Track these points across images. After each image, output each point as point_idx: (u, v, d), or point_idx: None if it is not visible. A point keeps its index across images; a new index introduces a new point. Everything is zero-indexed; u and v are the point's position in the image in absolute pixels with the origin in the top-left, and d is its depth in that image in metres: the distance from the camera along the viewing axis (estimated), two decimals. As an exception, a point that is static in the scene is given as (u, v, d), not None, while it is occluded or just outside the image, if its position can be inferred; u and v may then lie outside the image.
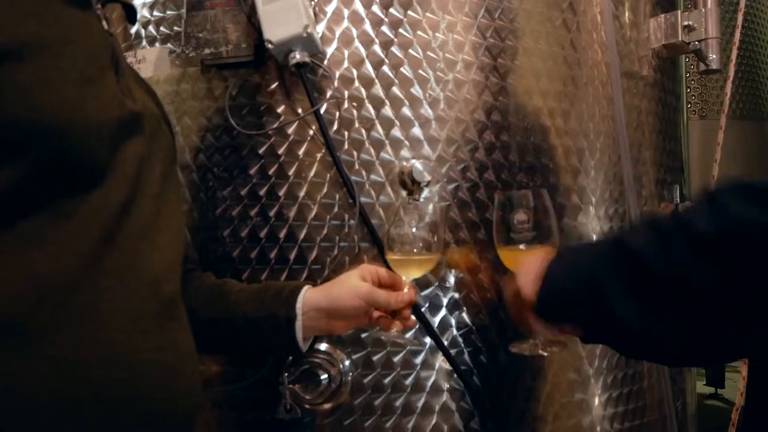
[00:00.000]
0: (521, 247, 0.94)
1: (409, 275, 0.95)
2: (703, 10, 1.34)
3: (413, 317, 0.96)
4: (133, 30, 1.16)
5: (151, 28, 1.15)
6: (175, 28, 1.14)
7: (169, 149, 0.82)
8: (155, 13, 1.17)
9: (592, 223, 1.20)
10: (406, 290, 0.93)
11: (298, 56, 0.99)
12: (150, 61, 1.15)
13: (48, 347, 0.59)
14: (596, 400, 1.18)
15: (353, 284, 0.93)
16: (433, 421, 1.05)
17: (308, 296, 0.92)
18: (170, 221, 0.76)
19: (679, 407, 1.36)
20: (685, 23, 1.34)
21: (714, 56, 1.34)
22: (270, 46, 0.99)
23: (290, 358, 1.03)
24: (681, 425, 1.40)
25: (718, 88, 3.37)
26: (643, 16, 1.35)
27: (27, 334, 0.59)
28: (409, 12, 1.08)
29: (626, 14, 1.32)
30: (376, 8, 1.07)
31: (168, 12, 1.15)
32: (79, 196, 0.64)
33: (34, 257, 0.60)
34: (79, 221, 0.63)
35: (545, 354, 0.93)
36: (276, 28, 0.98)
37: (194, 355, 0.76)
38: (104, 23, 0.74)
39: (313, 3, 1.05)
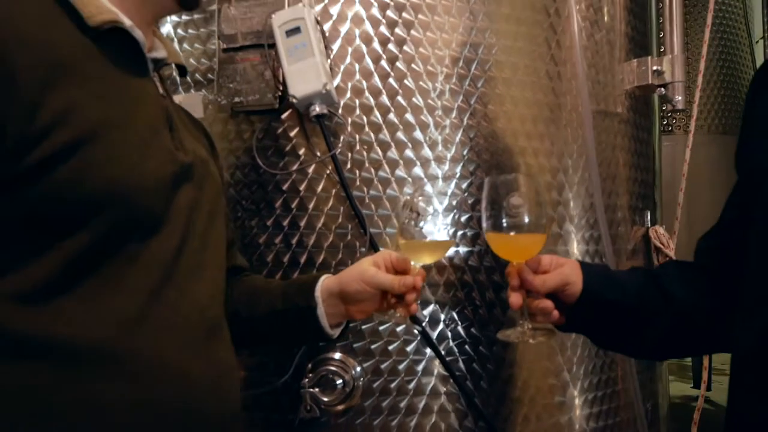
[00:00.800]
0: (511, 233, 0.90)
1: (420, 261, 0.97)
2: (671, 56, 1.52)
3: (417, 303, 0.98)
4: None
5: (187, 76, 1.31)
6: (209, 76, 1.31)
7: (216, 188, 0.93)
8: (191, 60, 1.33)
9: (571, 247, 1.37)
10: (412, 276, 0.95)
11: (317, 108, 1.16)
12: (186, 105, 1.31)
13: (126, 369, 0.72)
14: (575, 402, 1.35)
15: (361, 269, 0.97)
16: (432, 420, 1.21)
17: (326, 284, 0.99)
18: (214, 254, 0.90)
19: (649, 408, 1.53)
20: (655, 68, 1.51)
21: (679, 97, 1.51)
22: (294, 100, 1.16)
23: (309, 365, 1.20)
24: (652, 425, 1.57)
25: (701, 104, 3.55)
26: (618, 61, 1.53)
27: (110, 358, 0.71)
28: (413, 65, 1.25)
29: (605, 59, 1.49)
30: (384, 63, 1.24)
31: (202, 62, 1.32)
32: (142, 243, 0.75)
33: (112, 295, 0.73)
34: (144, 264, 0.75)
35: (532, 341, 0.95)
36: (299, 86, 1.15)
37: (235, 368, 0.90)
38: (159, 87, 0.88)
39: (329, 61, 1.22)
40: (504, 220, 0.90)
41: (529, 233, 0.90)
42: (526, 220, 0.89)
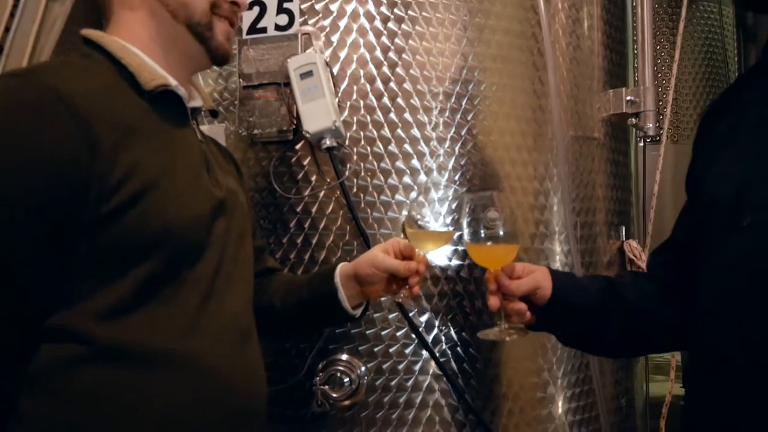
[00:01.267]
0: (488, 243, 1.01)
1: (423, 248, 1.09)
2: (643, 87, 1.69)
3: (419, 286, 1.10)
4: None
5: (217, 117, 1.47)
6: (231, 109, 1.48)
7: (243, 213, 1.09)
8: (214, 94, 1.50)
9: (552, 263, 1.54)
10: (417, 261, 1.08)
11: (328, 142, 1.33)
12: (210, 135, 1.48)
13: (181, 369, 0.89)
14: (554, 398, 1.52)
15: (372, 255, 1.11)
16: (428, 414, 1.38)
17: (342, 270, 1.14)
18: (243, 272, 1.06)
19: (624, 403, 1.71)
20: (628, 98, 1.68)
21: (650, 125, 1.68)
22: (308, 135, 1.33)
23: (320, 365, 1.37)
24: (627, 418, 1.75)
25: (687, 115, 3.71)
26: (595, 92, 1.70)
27: (169, 360, 0.88)
28: (411, 101, 1.42)
29: (584, 91, 1.66)
30: (386, 100, 1.41)
31: (225, 97, 1.49)
32: (190, 267, 0.91)
33: (168, 310, 0.89)
34: (191, 284, 0.91)
35: (508, 339, 1.10)
36: (312, 123, 1.32)
37: (262, 367, 1.06)
38: (197, 133, 1.05)
39: (337, 99, 1.39)
40: (482, 232, 1.02)
41: (505, 243, 1.02)
42: (501, 232, 1.02)
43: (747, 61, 3.12)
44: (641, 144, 1.96)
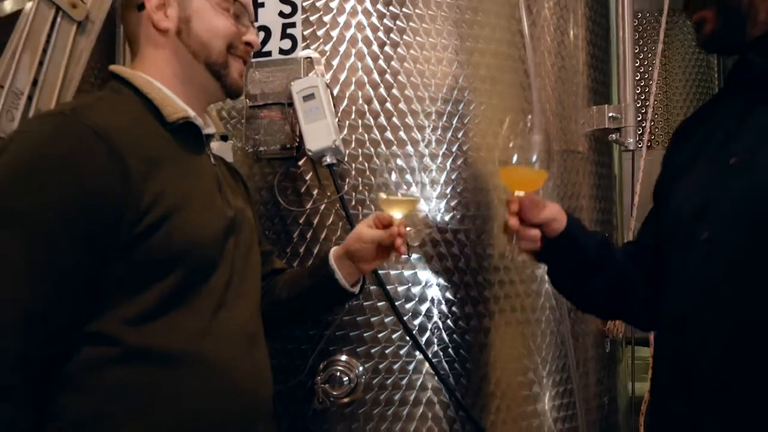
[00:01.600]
0: (521, 166, 1.07)
1: (395, 212, 1.21)
2: (623, 104, 1.80)
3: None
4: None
5: (228, 140, 1.58)
6: (238, 127, 1.59)
7: (250, 228, 1.21)
8: (222, 113, 1.61)
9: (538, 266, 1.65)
10: (395, 227, 1.20)
11: (328, 159, 1.44)
12: (219, 151, 1.59)
13: (198, 367, 1.00)
14: (540, 395, 1.63)
15: (357, 231, 1.24)
16: (421, 411, 1.49)
17: (335, 252, 1.27)
18: (251, 281, 1.18)
19: (606, 401, 1.82)
20: (611, 114, 1.79)
21: (631, 139, 1.79)
22: (310, 153, 1.44)
23: (321, 365, 1.48)
24: (610, 416, 1.86)
25: (678, 123, 3.82)
26: (580, 108, 1.81)
27: (188, 360, 0.99)
28: (406, 120, 1.53)
29: (569, 108, 1.77)
30: (382, 119, 1.52)
31: (232, 116, 1.60)
32: (205, 280, 1.03)
33: (186, 317, 1.00)
34: (206, 294, 1.03)
35: (519, 258, 1.21)
36: (314, 141, 1.43)
37: (268, 368, 1.17)
38: (211, 158, 1.17)
39: (337, 119, 1.50)
40: (515, 156, 1.09)
41: (538, 169, 1.08)
42: (534, 157, 1.08)
43: (725, 75, 3.23)
44: (630, 154, 2.06)
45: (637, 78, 2.16)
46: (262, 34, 1.55)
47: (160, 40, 1.09)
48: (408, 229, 1.30)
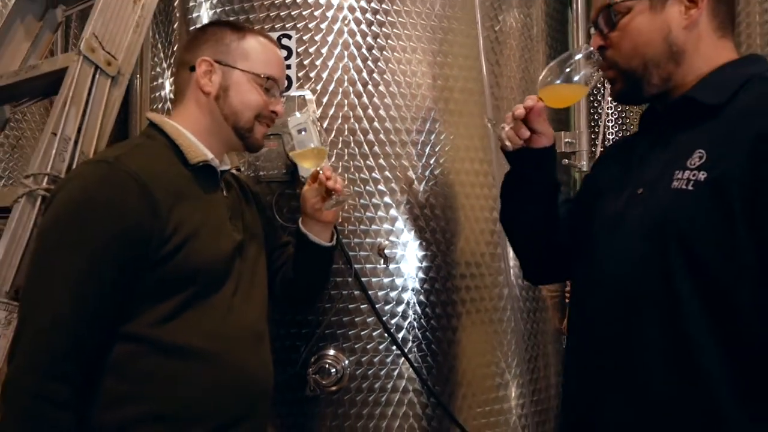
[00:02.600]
0: (562, 83, 1.21)
1: (315, 165, 1.50)
2: (578, 131, 2.06)
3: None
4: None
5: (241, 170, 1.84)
6: (242, 154, 1.84)
7: (258, 242, 1.45)
8: (225, 142, 1.86)
9: (503, 274, 1.91)
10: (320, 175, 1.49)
11: (318, 184, 1.70)
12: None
13: (212, 362, 1.24)
14: (506, 384, 1.89)
15: (302, 196, 1.54)
16: (397, 397, 1.75)
17: (302, 221, 1.55)
18: (259, 286, 1.41)
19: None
20: (566, 140, 2.05)
21: (584, 162, 2.05)
22: (303, 178, 1.69)
23: (312, 359, 1.73)
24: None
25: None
26: (540, 134, 2.06)
27: (203, 356, 1.23)
28: (386, 148, 1.79)
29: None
30: (365, 148, 1.78)
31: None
32: (216, 291, 1.25)
33: (201, 320, 1.24)
34: (217, 302, 1.26)
35: (502, 135, 1.31)
36: (305, 169, 1.68)
37: (271, 363, 1.40)
38: (224, 190, 1.41)
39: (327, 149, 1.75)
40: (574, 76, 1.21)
41: (577, 85, 1.22)
42: (576, 77, 1.22)
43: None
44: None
45: (592, 107, 2.41)
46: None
47: (202, 99, 1.34)
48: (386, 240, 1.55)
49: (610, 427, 1.13)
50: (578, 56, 1.22)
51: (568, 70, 1.23)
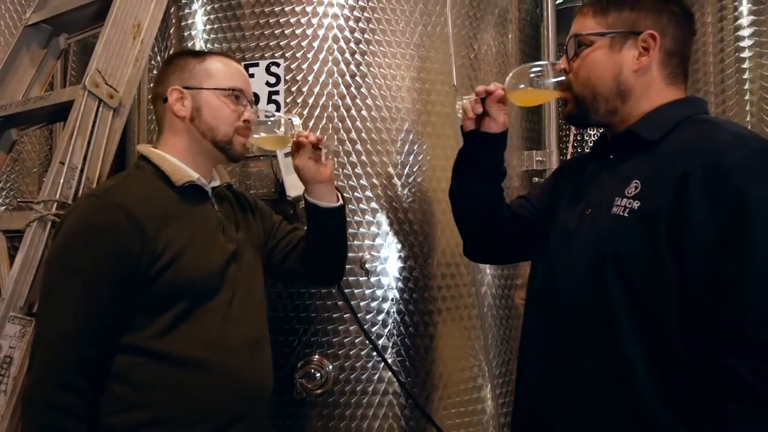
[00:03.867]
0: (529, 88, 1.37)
1: (269, 147, 1.68)
2: (548, 150, 2.20)
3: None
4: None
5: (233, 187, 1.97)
6: (234, 171, 1.98)
7: (254, 250, 1.56)
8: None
9: (480, 273, 2.05)
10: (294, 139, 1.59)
11: (303, 203, 1.83)
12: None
13: (210, 370, 1.35)
14: (482, 386, 2.03)
15: (294, 167, 1.60)
16: (378, 399, 1.89)
17: (305, 192, 1.62)
18: (256, 293, 1.51)
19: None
20: (538, 158, 2.19)
21: (554, 179, 2.19)
22: (289, 198, 1.83)
23: (299, 364, 1.87)
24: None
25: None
26: (516, 150, 2.20)
27: (202, 364, 1.34)
28: (372, 157, 1.93)
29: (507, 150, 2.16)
30: (353, 158, 1.92)
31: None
32: (210, 301, 1.36)
33: (197, 331, 1.36)
34: (213, 312, 1.38)
35: (458, 102, 1.51)
36: (293, 189, 1.82)
37: (269, 369, 1.52)
38: (215, 205, 1.54)
39: (312, 170, 1.89)
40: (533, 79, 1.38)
41: (547, 90, 1.38)
42: (548, 81, 1.37)
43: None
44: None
45: (561, 129, 2.55)
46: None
47: (179, 124, 1.47)
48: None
49: (561, 421, 1.26)
50: (546, 64, 1.41)
51: (532, 75, 1.38)
